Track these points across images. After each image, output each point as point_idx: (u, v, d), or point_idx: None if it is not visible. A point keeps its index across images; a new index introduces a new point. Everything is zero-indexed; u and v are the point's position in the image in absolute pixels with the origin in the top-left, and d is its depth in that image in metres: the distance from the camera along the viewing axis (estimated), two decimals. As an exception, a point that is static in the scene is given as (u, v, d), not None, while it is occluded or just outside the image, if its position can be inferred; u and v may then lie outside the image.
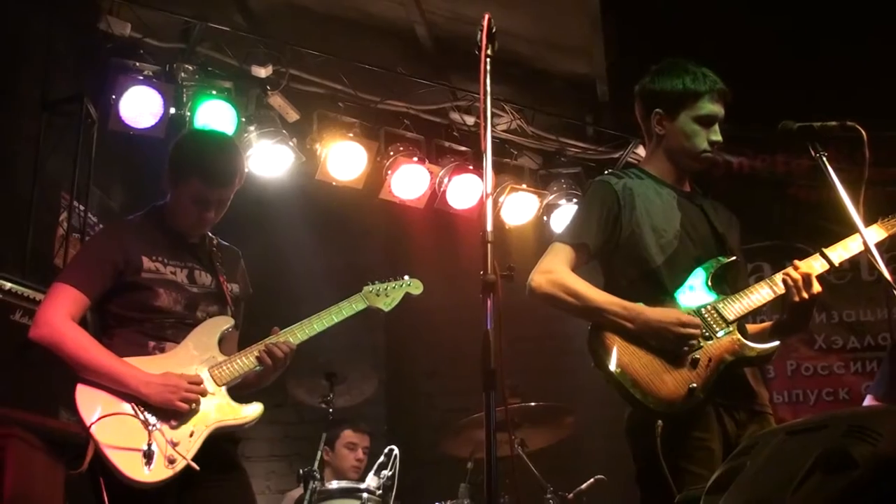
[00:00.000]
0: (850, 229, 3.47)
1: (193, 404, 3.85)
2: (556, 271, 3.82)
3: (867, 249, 3.42)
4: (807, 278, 3.75)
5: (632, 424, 3.76)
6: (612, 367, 3.67)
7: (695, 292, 3.83)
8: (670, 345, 3.65)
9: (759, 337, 3.86)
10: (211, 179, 4.08)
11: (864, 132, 3.40)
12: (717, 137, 3.95)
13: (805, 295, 3.73)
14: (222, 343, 4.11)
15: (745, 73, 4.84)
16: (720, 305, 3.79)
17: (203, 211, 4.10)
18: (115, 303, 4.00)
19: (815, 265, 3.83)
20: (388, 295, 4.55)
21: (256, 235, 6.68)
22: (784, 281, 3.77)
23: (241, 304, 4.31)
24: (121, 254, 4.00)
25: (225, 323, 4.14)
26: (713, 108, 3.93)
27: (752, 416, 3.77)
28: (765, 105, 4.62)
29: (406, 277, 4.66)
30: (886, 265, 3.30)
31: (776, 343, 3.80)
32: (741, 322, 3.83)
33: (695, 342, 3.66)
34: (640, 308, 3.72)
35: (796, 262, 3.82)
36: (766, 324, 3.97)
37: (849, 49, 6.93)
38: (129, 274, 3.98)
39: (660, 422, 3.52)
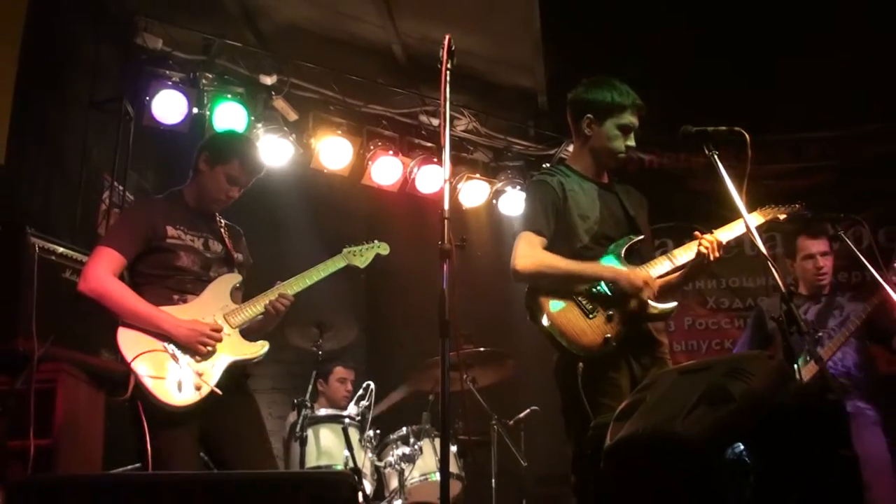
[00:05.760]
0: (736, 214, 3.49)
1: (209, 347, 3.89)
2: (535, 254, 3.82)
3: (749, 231, 3.45)
4: (718, 243, 3.83)
5: (559, 366, 3.80)
6: (544, 321, 3.72)
7: (612, 263, 3.86)
8: (629, 287, 3.73)
9: (662, 295, 3.88)
10: (249, 165, 4.21)
11: (747, 136, 3.42)
12: (632, 143, 4.00)
13: (717, 255, 3.81)
14: (232, 296, 4.13)
15: (657, 86, 4.84)
16: (631, 273, 3.81)
17: (231, 189, 4.18)
18: (144, 263, 4.00)
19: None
20: (362, 255, 4.58)
21: (263, 213, 6.66)
22: (701, 246, 3.82)
23: (244, 270, 4.31)
24: (150, 222, 4.02)
25: (235, 279, 4.17)
26: (633, 119, 3.97)
27: (654, 360, 3.83)
28: (671, 112, 4.62)
29: (376, 241, 4.69)
30: (764, 243, 3.35)
31: (674, 304, 3.85)
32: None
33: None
34: (604, 264, 3.83)
35: (699, 234, 3.88)
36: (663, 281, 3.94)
37: (746, 70, 6.96)
38: (156, 239, 3.99)
39: (581, 364, 3.58)
